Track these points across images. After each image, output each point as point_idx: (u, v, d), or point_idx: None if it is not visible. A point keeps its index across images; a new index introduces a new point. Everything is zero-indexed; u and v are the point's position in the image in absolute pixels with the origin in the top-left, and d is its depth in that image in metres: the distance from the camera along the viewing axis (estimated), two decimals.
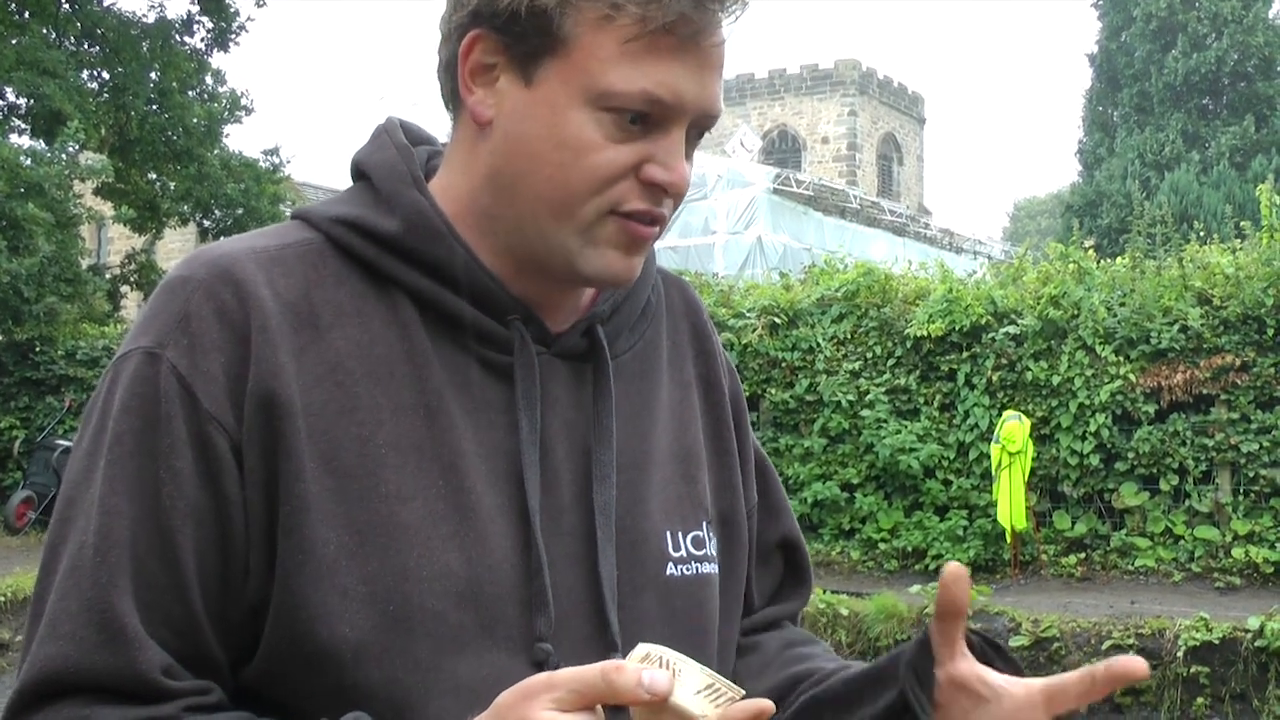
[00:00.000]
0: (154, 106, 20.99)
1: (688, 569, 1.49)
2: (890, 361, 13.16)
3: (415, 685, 1.29)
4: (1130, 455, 12.04)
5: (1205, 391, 11.88)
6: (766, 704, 1.09)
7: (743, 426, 1.67)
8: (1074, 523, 12.31)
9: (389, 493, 1.31)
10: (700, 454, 1.58)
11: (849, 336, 13.43)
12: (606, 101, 1.31)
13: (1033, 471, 11.97)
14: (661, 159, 1.34)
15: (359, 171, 1.47)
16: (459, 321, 1.39)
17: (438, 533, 1.31)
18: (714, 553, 1.54)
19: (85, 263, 19.98)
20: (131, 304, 24.38)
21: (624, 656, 1.27)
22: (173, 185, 21.40)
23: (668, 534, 1.48)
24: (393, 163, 1.44)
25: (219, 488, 1.27)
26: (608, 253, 1.37)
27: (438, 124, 1.49)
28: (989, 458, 12.05)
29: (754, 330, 13.62)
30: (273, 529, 1.28)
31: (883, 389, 13.05)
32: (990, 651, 1.36)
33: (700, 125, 1.38)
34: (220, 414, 1.28)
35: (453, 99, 1.42)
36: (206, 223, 21.87)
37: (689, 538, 1.50)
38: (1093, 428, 12.13)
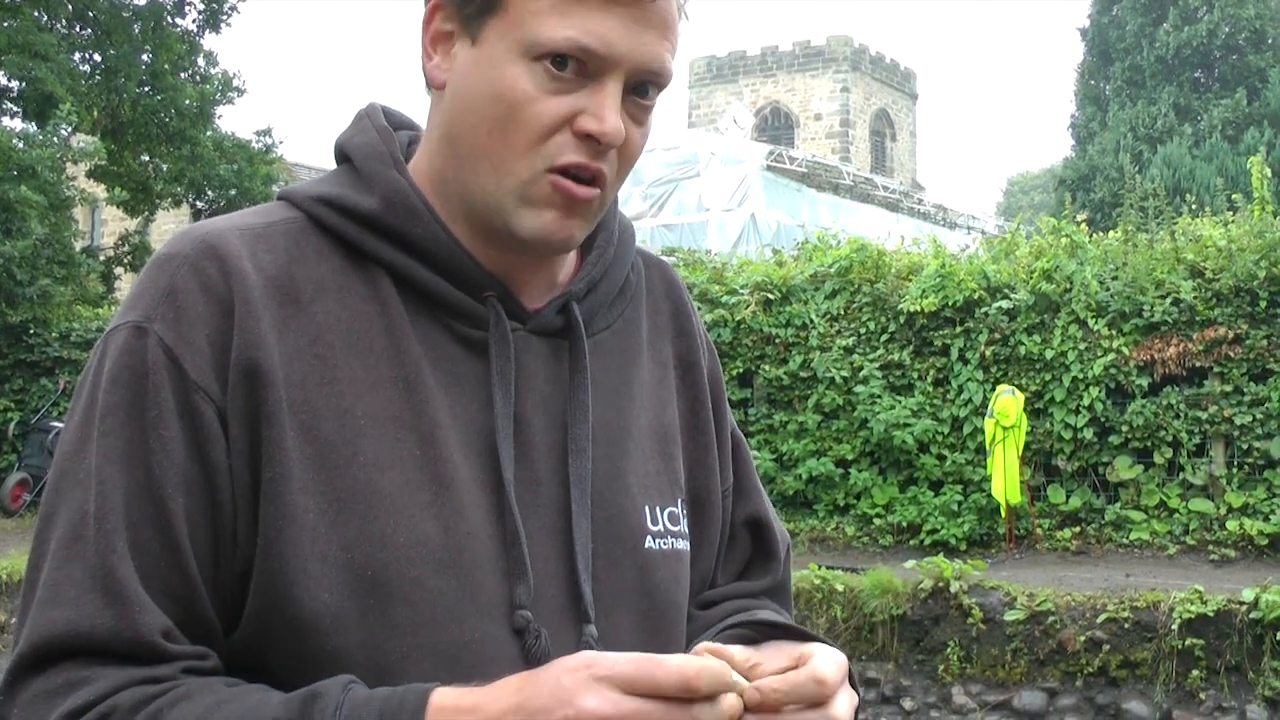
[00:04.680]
0: (146, 88, 20.93)
1: (664, 543, 1.52)
2: (884, 337, 13.17)
3: (394, 651, 1.31)
4: (1124, 429, 12.08)
5: (1198, 364, 11.91)
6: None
7: (721, 407, 1.69)
8: (1068, 496, 12.35)
9: (367, 461, 1.34)
10: (676, 433, 1.60)
11: (842, 312, 13.44)
12: (537, 50, 1.34)
13: (1027, 445, 12.00)
14: (594, 110, 1.35)
15: (341, 154, 1.51)
16: (436, 297, 1.43)
17: (415, 501, 1.34)
18: (687, 529, 1.56)
19: (79, 245, 19.96)
20: (125, 286, 24.32)
21: (595, 626, 1.38)
22: (165, 167, 21.37)
23: (646, 508, 1.51)
24: (373, 144, 1.48)
25: (207, 456, 1.31)
26: (545, 213, 1.39)
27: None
28: (983, 432, 12.08)
29: (747, 307, 13.63)
30: (256, 496, 1.31)
31: (876, 364, 13.07)
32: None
33: (641, 81, 1.39)
34: (206, 383, 1.31)
35: (423, 73, 1.46)
36: (200, 204, 21.85)
37: (665, 513, 1.53)
38: (1086, 401, 12.17)
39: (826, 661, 1.28)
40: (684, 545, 1.55)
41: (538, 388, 1.46)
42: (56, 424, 16.17)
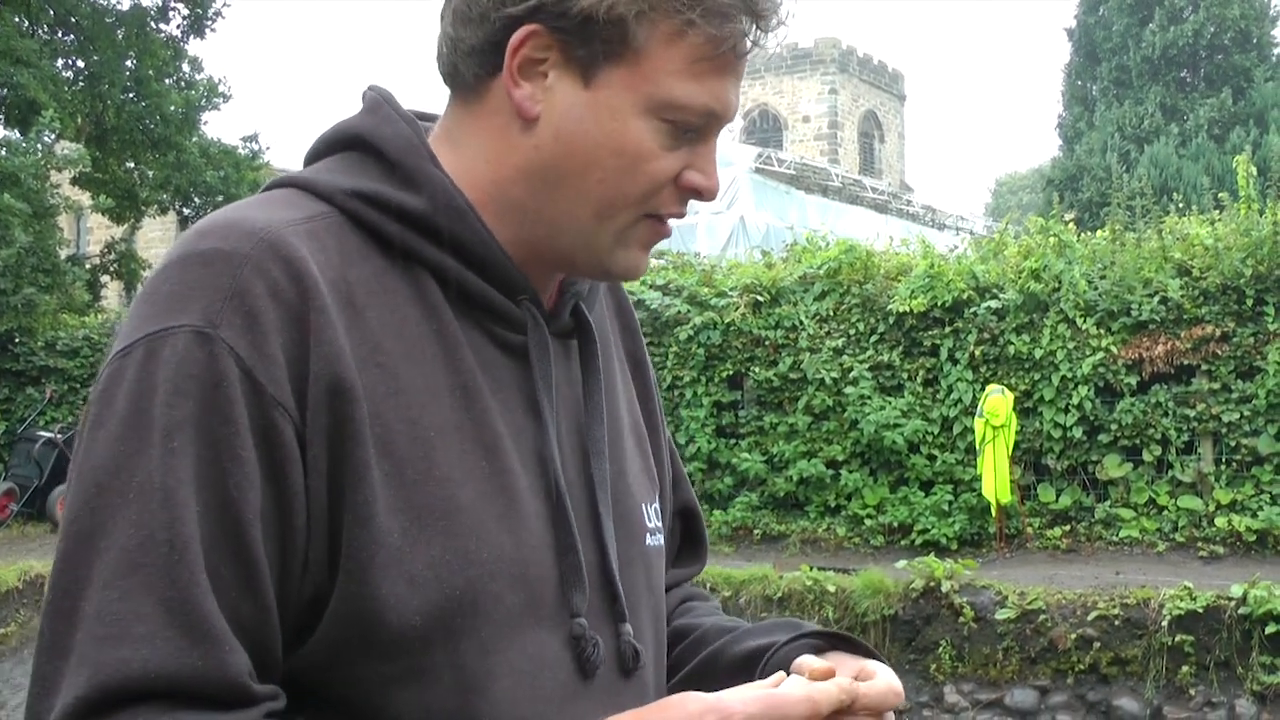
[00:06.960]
0: (131, 95, 20.87)
1: (655, 539, 1.53)
2: (873, 338, 13.17)
3: (479, 669, 1.27)
4: (1113, 427, 12.09)
5: (1186, 362, 11.93)
6: None
7: (658, 399, 1.71)
8: (1058, 495, 12.35)
9: (442, 476, 1.28)
10: (644, 429, 1.62)
11: (832, 314, 13.44)
12: (669, 113, 1.34)
13: (1016, 445, 12.01)
14: (700, 166, 1.39)
15: (360, 141, 1.41)
16: (477, 300, 1.38)
17: (489, 515, 1.30)
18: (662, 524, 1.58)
19: (64, 253, 19.87)
20: (112, 294, 24.26)
21: (630, 624, 1.41)
22: (151, 174, 21.33)
23: (643, 506, 1.51)
24: (407, 137, 1.39)
25: (284, 478, 1.21)
26: (636, 252, 1.41)
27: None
28: (973, 432, 12.09)
29: (737, 309, 13.63)
30: (335, 519, 1.24)
31: (866, 365, 13.06)
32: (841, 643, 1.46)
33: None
34: (285, 400, 1.21)
35: (475, 83, 1.39)
36: (186, 211, 21.83)
37: (653, 509, 1.54)
38: (1075, 400, 12.17)
39: (894, 677, 1.35)
40: (663, 540, 1.57)
41: (559, 390, 1.44)
42: (44, 433, 16.09)
